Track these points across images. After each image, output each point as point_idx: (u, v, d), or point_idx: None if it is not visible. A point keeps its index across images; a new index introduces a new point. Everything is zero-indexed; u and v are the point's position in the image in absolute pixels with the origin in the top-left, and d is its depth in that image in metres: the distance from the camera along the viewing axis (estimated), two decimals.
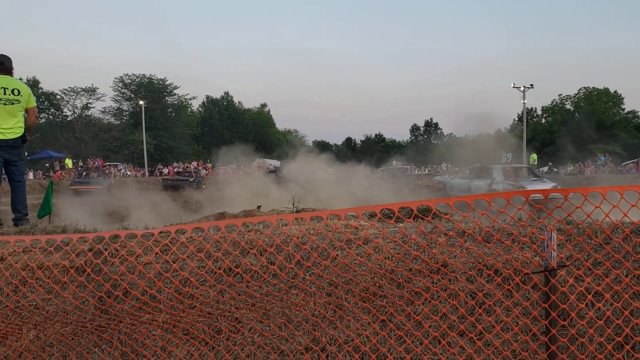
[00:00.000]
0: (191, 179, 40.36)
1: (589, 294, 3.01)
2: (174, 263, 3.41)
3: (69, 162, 44.14)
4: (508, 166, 23.98)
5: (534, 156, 47.64)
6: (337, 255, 3.60)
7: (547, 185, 21.19)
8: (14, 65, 6.32)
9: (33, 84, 62.13)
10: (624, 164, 47.19)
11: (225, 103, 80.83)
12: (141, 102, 59.24)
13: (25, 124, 6.27)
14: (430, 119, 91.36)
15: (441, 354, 3.16)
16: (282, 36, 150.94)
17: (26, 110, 6.22)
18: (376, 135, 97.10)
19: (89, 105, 68.63)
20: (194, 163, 61.18)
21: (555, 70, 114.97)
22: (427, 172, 39.68)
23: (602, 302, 3.07)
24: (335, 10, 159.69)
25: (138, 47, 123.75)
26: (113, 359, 3.44)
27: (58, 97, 66.56)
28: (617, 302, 3.03)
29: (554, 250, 2.73)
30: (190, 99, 77.83)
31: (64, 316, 3.28)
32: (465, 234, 3.79)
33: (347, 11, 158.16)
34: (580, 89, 71.30)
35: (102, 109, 72.08)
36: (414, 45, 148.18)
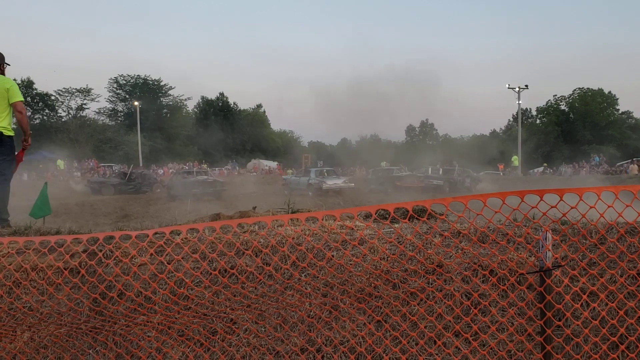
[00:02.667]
0: (115, 182, 34.95)
1: (584, 294, 3.02)
2: (169, 264, 3.40)
3: (60, 164, 43.91)
4: (319, 168, 36.83)
5: (515, 158, 47.97)
6: (333, 256, 3.60)
7: (340, 180, 32.55)
8: (9, 62, 6.17)
9: (27, 84, 61.93)
10: (618, 164, 47.37)
11: (220, 104, 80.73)
12: (136, 103, 59.17)
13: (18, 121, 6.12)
14: (426, 119, 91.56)
15: (437, 354, 3.16)
16: (278, 36, 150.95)
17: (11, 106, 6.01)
18: (371, 135, 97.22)
19: (83, 106, 68.50)
20: (189, 164, 61.10)
21: (550, 71, 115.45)
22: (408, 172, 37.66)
23: (597, 302, 3.08)
24: (331, 10, 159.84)
25: (133, 48, 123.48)
26: None
27: (52, 98, 66.35)
28: (612, 302, 3.03)
29: (549, 250, 2.74)
30: (185, 99, 77.80)
31: (58, 318, 3.27)
32: (461, 235, 3.79)
33: (342, 10, 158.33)
34: (574, 90, 71.56)
35: (97, 110, 71.99)
36: (409, 46, 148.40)
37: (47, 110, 66.61)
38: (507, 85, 50.99)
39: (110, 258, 3.58)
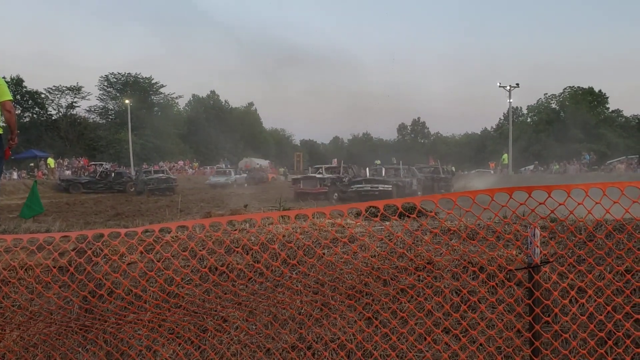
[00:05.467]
0: (85, 180, 36.16)
1: (573, 290, 3.04)
2: (159, 262, 3.39)
3: (51, 162, 43.55)
4: (220, 168, 45.22)
5: (506, 156, 48.23)
6: (323, 253, 3.60)
7: (223, 178, 40.58)
8: None
9: (17, 82, 61.35)
10: (608, 162, 47.67)
11: (211, 102, 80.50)
12: (127, 101, 58.81)
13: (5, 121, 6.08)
14: (418, 117, 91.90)
15: (426, 350, 3.18)
16: (271, 34, 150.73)
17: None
18: (363, 134, 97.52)
19: (74, 104, 67.98)
20: (181, 162, 60.93)
21: (541, 69, 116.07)
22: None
23: (585, 298, 3.10)
24: (324, 9, 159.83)
25: (125, 46, 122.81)
26: (98, 359, 3.42)
27: (43, 96, 65.80)
28: (600, 298, 3.06)
29: (537, 246, 2.75)
30: (176, 97, 77.47)
31: (47, 316, 3.25)
32: (450, 232, 3.80)
33: (335, 10, 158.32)
34: (565, 89, 71.85)
35: (88, 108, 71.49)
36: (401, 44, 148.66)
37: (37, 109, 66.02)
38: (498, 84, 51.14)
39: (99, 256, 3.57)
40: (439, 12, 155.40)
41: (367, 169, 28.45)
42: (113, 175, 37.19)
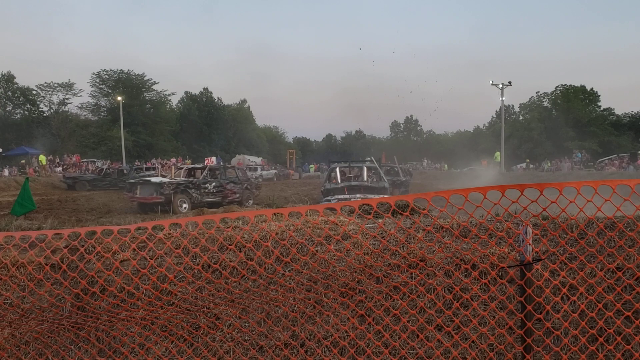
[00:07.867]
0: (90, 178, 35.91)
1: (564, 287, 3.05)
2: (152, 259, 3.39)
3: (42, 159, 43.33)
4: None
5: (498, 154, 48.40)
6: (317, 251, 3.60)
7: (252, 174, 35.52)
8: None
9: (8, 79, 60.93)
10: (599, 160, 47.92)
11: (204, 99, 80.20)
12: (119, 98, 58.52)
13: None
14: (411, 115, 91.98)
15: (419, 347, 3.19)
16: (264, 32, 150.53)
17: None
18: (356, 131, 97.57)
19: (65, 101, 67.55)
20: (173, 159, 60.73)
21: (533, 67, 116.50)
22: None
23: (576, 295, 3.12)
24: (315, 6, 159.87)
25: (117, 43, 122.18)
26: (90, 357, 3.41)
27: (34, 92, 65.36)
28: (592, 296, 3.08)
29: (529, 244, 2.77)
30: (169, 95, 77.13)
31: (39, 314, 3.24)
32: (443, 229, 3.81)
33: (326, 7, 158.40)
34: (557, 87, 72.09)
35: (80, 105, 70.96)
36: (393, 42, 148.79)
37: (28, 105, 65.55)
38: (490, 82, 51.25)
39: (92, 253, 3.56)
40: (433, 11, 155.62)
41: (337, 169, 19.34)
42: (117, 172, 37.62)
